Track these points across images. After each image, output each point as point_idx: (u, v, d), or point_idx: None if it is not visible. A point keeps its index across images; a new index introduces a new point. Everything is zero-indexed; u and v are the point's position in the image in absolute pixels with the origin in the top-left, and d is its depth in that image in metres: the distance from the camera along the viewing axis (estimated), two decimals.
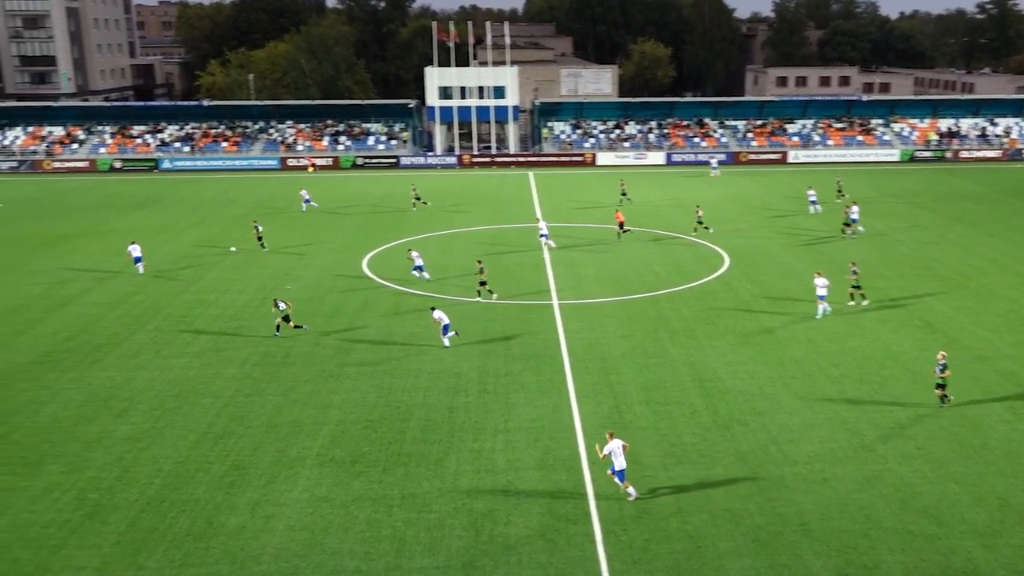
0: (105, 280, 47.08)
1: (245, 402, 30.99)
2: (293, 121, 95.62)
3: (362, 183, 79.40)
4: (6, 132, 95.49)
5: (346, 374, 33.33)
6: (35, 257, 52.54)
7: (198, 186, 79.22)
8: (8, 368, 34.52)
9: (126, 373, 33.76)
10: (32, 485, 25.50)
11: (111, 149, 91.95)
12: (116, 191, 77.43)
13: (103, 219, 63.98)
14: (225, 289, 44.94)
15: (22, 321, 40.40)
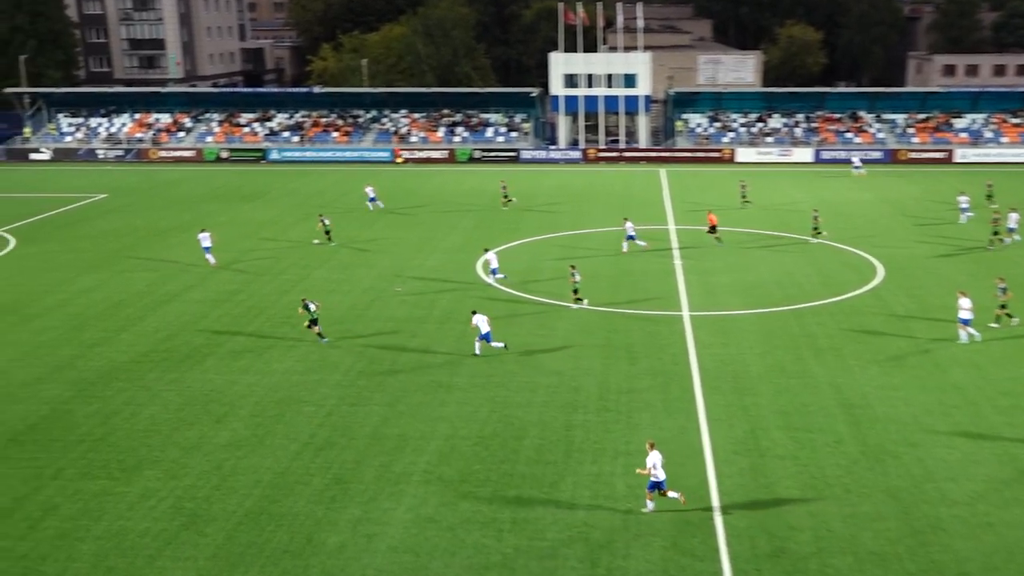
0: (208, 277, 48.69)
1: (349, 412, 31.60)
2: (407, 110, 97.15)
3: (479, 178, 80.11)
4: (113, 119, 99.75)
5: (457, 385, 33.67)
6: (139, 250, 54.70)
7: (306, 178, 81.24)
8: (109, 366, 36.04)
9: (227, 376, 34.83)
10: (129, 491, 26.52)
11: (218, 138, 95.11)
12: (222, 182, 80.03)
13: (209, 212, 66.19)
14: (331, 290, 45.94)
15: (124, 317, 42.11)
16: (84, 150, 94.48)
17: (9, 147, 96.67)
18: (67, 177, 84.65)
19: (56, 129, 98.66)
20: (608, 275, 47.90)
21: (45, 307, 43.93)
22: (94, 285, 47.64)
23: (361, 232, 58.78)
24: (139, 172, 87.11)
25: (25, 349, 38.15)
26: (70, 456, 28.60)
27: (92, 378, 34.86)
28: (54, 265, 51.88)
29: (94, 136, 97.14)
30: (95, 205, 70.20)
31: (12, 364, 36.49)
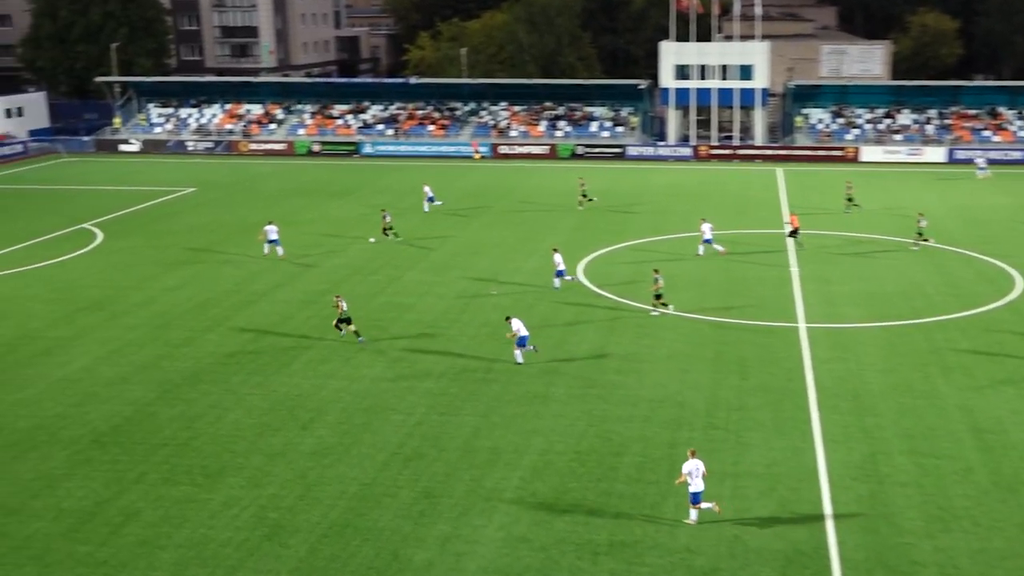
0: (297, 276, 49.58)
1: (440, 421, 31.86)
2: (507, 103, 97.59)
3: (583, 175, 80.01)
4: (203, 110, 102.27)
5: (554, 396, 33.70)
6: (228, 246, 55.97)
7: (400, 174, 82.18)
8: (195, 367, 36.95)
9: (314, 381, 35.42)
10: (212, 498, 27.15)
11: (310, 131, 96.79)
12: (313, 177, 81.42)
13: (298, 208, 67.40)
14: (424, 292, 46.39)
15: (210, 317, 43.14)
16: (173, 142, 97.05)
17: (99, 138, 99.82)
18: (156, 170, 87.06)
19: (146, 120, 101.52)
20: (718, 282, 47.44)
21: (131, 304, 45.22)
22: (181, 282, 48.89)
23: (457, 232, 59.23)
24: (228, 165, 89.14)
25: (111, 347, 39.34)
26: (153, 460, 29.39)
27: (177, 379, 35.78)
28: (141, 261, 53.39)
29: (184, 127, 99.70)
30: (183, 199, 72.02)
31: (98, 362, 37.66)
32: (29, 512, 26.39)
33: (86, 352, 38.84)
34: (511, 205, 67.15)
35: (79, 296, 46.70)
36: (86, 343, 39.94)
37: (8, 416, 32.67)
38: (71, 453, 29.89)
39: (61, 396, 34.33)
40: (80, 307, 44.90)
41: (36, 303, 45.45)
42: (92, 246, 57.34)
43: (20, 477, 28.31)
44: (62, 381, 35.74)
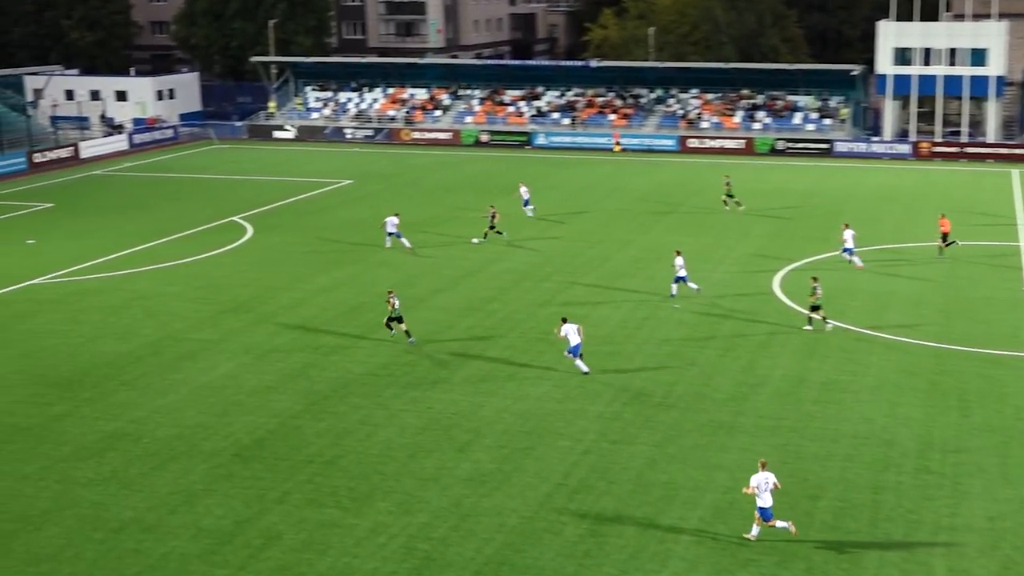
0: (459, 281, 50.29)
1: (611, 450, 31.81)
2: (699, 89, 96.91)
3: (784, 174, 78.81)
4: (364, 94, 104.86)
5: (741, 427, 33.26)
6: (384, 245, 57.18)
7: (575, 168, 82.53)
8: (345, 379, 37.88)
9: (473, 398, 35.85)
10: (358, 524, 27.75)
11: (478, 118, 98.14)
12: (480, 170, 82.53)
13: (463, 203, 68.42)
14: (598, 302, 46.45)
15: (364, 323, 44.15)
16: (331, 128, 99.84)
17: (252, 123, 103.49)
18: (311, 159, 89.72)
19: (303, 104, 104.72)
20: (938, 302, 46.03)
21: (280, 306, 46.67)
22: (333, 284, 50.22)
23: (637, 236, 59.12)
24: (389, 155, 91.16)
25: (257, 352, 40.70)
26: (297, 479, 30.25)
27: (325, 391, 36.75)
28: (292, 259, 55.08)
29: (342, 113, 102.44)
30: (339, 192, 73.98)
31: (243, 369, 39.01)
32: (166, 529, 27.49)
33: (231, 357, 40.28)
34: (699, 207, 66.61)
35: (225, 296, 48.47)
36: (231, 347, 41.42)
37: (148, 424, 34.13)
38: (211, 467, 31.01)
39: (203, 404, 35.69)
40: (226, 308, 46.59)
41: (180, 302, 47.34)
42: (241, 241, 59.44)
43: (158, 491, 29.52)
44: (205, 388, 37.15)
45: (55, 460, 31.45)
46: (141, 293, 48.93)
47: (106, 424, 34.03)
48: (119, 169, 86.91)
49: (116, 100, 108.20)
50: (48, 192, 77.16)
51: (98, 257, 56.00)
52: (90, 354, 40.85)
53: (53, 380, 38.06)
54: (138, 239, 60.02)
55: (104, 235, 61.62)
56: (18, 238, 61.20)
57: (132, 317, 45.54)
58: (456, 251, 55.75)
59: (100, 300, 48.13)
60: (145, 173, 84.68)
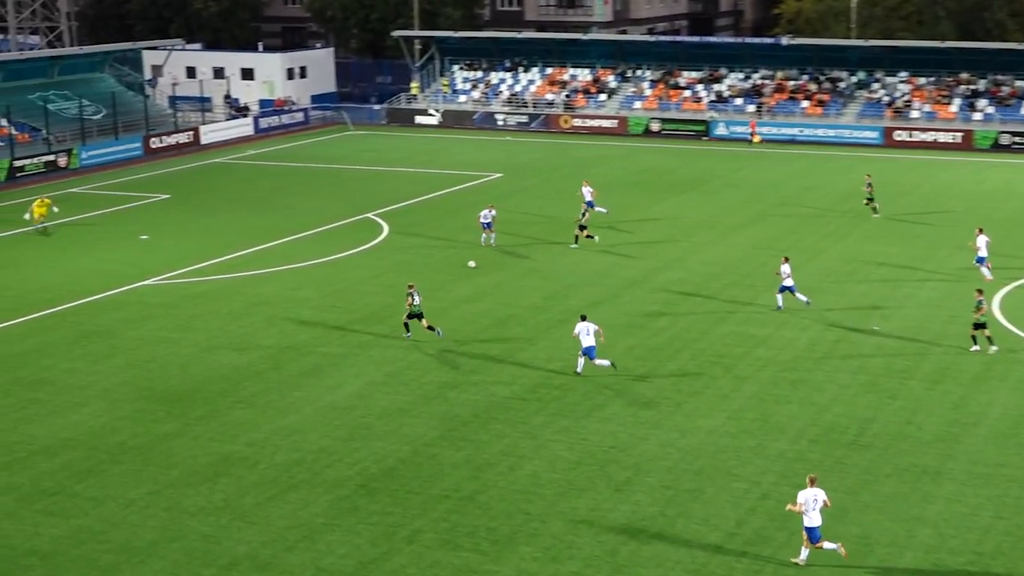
0: (622, 292, 50.17)
1: (790, 496, 31.23)
2: (909, 73, 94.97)
3: (1010, 173, 76.67)
4: (519, 74, 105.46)
5: (949, 474, 32.43)
6: (536, 251, 57.49)
7: (761, 163, 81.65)
8: (488, 402, 38.06)
9: (634, 429, 35.68)
10: (498, 571, 27.83)
11: (648, 104, 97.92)
12: (650, 164, 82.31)
13: (629, 204, 68.35)
14: (782, 321, 45.89)
15: (510, 339, 44.37)
16: (481, 114, 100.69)
17: (393, 107, 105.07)
18: (457, 148, 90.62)
19: (449, 86, 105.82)
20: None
21: None
22: (477, 293, 50.58)
23: (830, 244, 58.26)
24: (545, 146, 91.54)
25: (390, 370, 41.20)
26: (431, 515, 30.50)
27: (465, 416, 36.98)
28: (431, 263, 55.71)
29: (493, 96, 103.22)
30: (488, 187, 74.57)
31: (374, 387, 39.52)
32: (282, 568, 27.96)
33: (360, 374, 40.88)
34: (905, 211, 65.24)
35: (356, 303, 49.24)
36: (361, 362, 42.05)
37: (267, 447, 34.81)
38: (335, 499, 31.47)
39: (328, 427, 36.26)
40: (356, 317, 47.32)
41: (306, 309, 48.22)
42: (375, 241, 60.34)
43: (275, 524, 30.08)
44: (330, 408, 37.75)
45: (163, 485, 32.31)
46: (263, 298, 50.00)
47: (219, 446, 34.84)
48: (242, 157, 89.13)
49: (241, 79, 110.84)
50: (164, 182, 79.50)
51: (217, 256, 57.47)
52: (204, 366, 41.93)
53: (162, 395, 39.16)
54: (261, 237, 61.43)
55: (224, 231, 63.26)
56: (131, 233, 63.15)
57: (252, 325, 46.60)
58: (615, 258, 55.64)
59: (217, 305, 49.35)
60: (271, 162, 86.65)
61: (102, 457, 34.07)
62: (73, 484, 32.32)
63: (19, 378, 40.89)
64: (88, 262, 57.26)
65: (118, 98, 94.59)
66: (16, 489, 32.05)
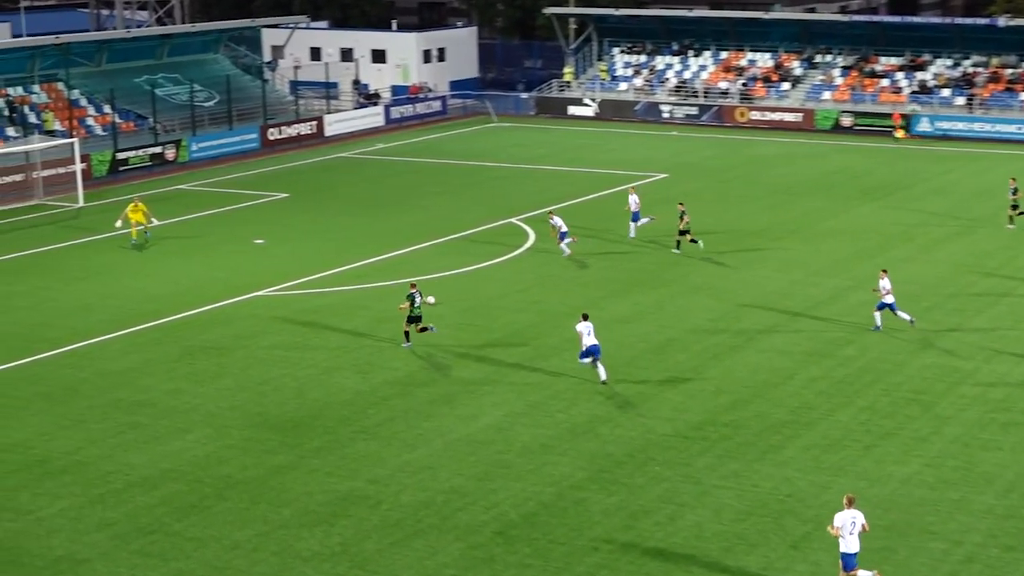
0: (803, 314, 49.76)
1: (1003, 560, 30.69)
2: None
3: None
4: (689, 59, 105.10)
5: None
6: (702, 265, 57.21)
7: (973, 166, 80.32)
8: (645, 440, 37.86)
9: (814, 476, 35.25)
10: None
11: (840, 95, 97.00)
12: (838, 165, 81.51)
13: (814, 211, 67.97)
14: (994, 348, 45.30)
15: (671, 365, 44.28)
16: (643, 105, 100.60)
17: (542, 96, 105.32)
18: (616, 144, 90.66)
19: (608, 71, 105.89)
20: None
21: (564, 339, 46.95)
22: (634, 312, 50.56)
23: None
24: (717, 142, 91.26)
25: (532, 399, 41.26)
26: (576, 570, 30.41)
27: (618, 455, 36.88)
28: (583, 276, 55.90)
29: (659, 84, 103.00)
30: (650, 189, 74.25)
31: (514, 420, 39.62)
32: None
33: (499, 403, 41.06)
34: None
35: (495, 322, 49.52)
36: (500, 390, 42.22)
37: (390, 484, 35.07)
38: (467, 547, 31.58)
39: (461, 464, 36.40)
40: (495, 337, 47.61)
41: (439, 327, 48.45)
42: (520, 251, 60.68)
43: (398, 574, 30.26)
44: (464, 442, 37.93)
45: (274, 525, 32.75)
46: (390, 314, 50.34)
47: (338, 483, 35.21)
48: (371, 152, 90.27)
49: (372, 61, 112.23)
50: (283, 178, 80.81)
51: (340, 265, 58.27)
52: (323, 390, 42.49)
53: (276, 422, 39.76)
54: (390, 243, 62.14)
55: (348, 236, 64.09)
56: (244, 236, 64.36)
57: (377, 345, 47.11)
58: (796, 275, 55.15)
59: (339, 320, 50.00)
60: (404, 157, 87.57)
61: (206, 491, 34.67)
62: (173, 522, 32.92)
63: (117, 400, 41.86)
64: (195, 269, 58.44)
65: (233, 83, 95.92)
66: (110, 526, 32.75)
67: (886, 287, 46.93)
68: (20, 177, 75.95)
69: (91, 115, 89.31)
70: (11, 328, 50.16)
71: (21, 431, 39.16)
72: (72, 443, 38.06)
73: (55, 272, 58.39)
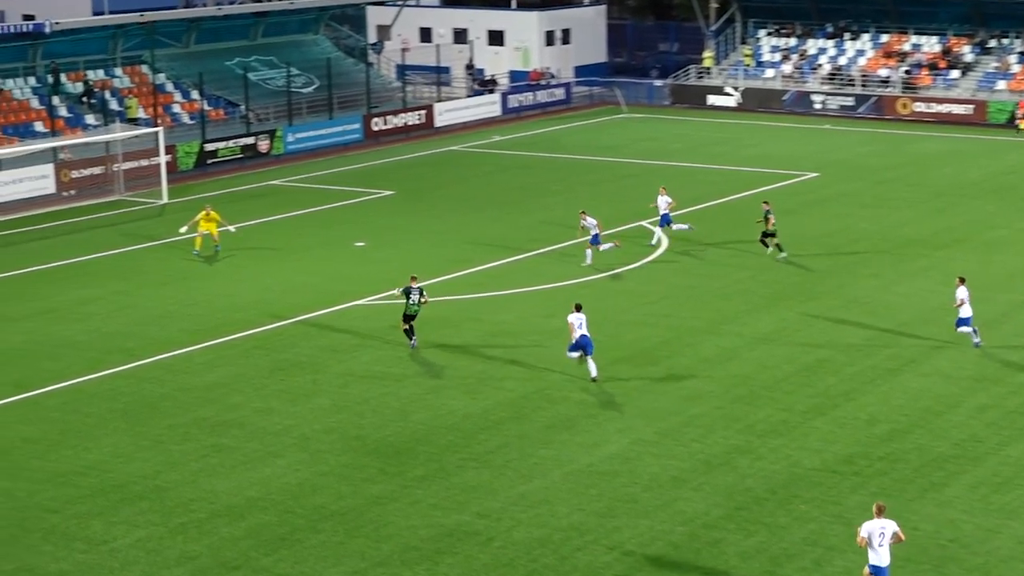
0: (966, 339, 49.15)
1: None
2: None
3: None
4: (844, 42, 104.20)
5: None
6: (858, 276, 56.71)
7: None
8: (788, 474, 37.49)
9: (981, 519, 34.67)
10: None
11: (1015, 85, 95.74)
12: (1015, 165, 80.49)
13: (983, 217, 67.67)
14: None
15: (822, 390, 43.88)
16: (793, 94, 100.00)
17: (679, 83, 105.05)
18: (761, 138, 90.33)
19: (752, 56, 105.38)
20: None
21: (698, 358, 47.11)
22: (777, 329, 50.24)
23: None
24: (876, 137, 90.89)
25: (662, 426, 41.03)
26: None
27: (758, 491, 36.54)
28: (721, 287, 55.66)
29: (810, 70, 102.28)
30: (799, 189, 74.02)
31: (641, 448, 39.44)
32: None
33: (625, 430, 40.94)
34: None
35: (623, 337, 49.37)
36: (626, 415, 42.14)
37: (502, 519, 35.02)
38: None
39: (581, 497, 36.23)
40: (622, 356, 47.45)
41: (558, 342, 48.26)
42: (650, 258, 60.60)
43: None
44: (584, 473, 37.79)
45: (372, 562, 32.82)
46: (504, 327, 50.54)
47: (444, 516, 35.23)
48: (486, 145, 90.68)
49: (488, 43, 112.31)
50: (388, 173, 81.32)
51: (449, 271, 58.51)
52: (428, 412, 42.60)
53: (375, 447, 39.90)
54: (506, 247, 62.38)
55: (459, 239, 64.38)
56: (344, 239, 64.84)
57: (488, 362, 47.21)
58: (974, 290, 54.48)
59: (447, 334, 50.15)
60: (522, 152, 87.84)
61: (298, 523, 34.84)
62: (261, 556, 33.14)
63: (201, 418, 42.28)
64: (288, 275, 58.94)
65: (334, 66, 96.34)
66: (192, 560, 33.03)
67: (962, 296, 46.61)
68: (99, 170, 77.05)
69: (177, 101, 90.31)
70: (85, 337, 50.88)
71: (95, 452, 39.65)
72: (151, 466, 38.45)
73: (134, 276, 59.10)
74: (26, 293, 56.70)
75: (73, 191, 75.62)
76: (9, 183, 73.86)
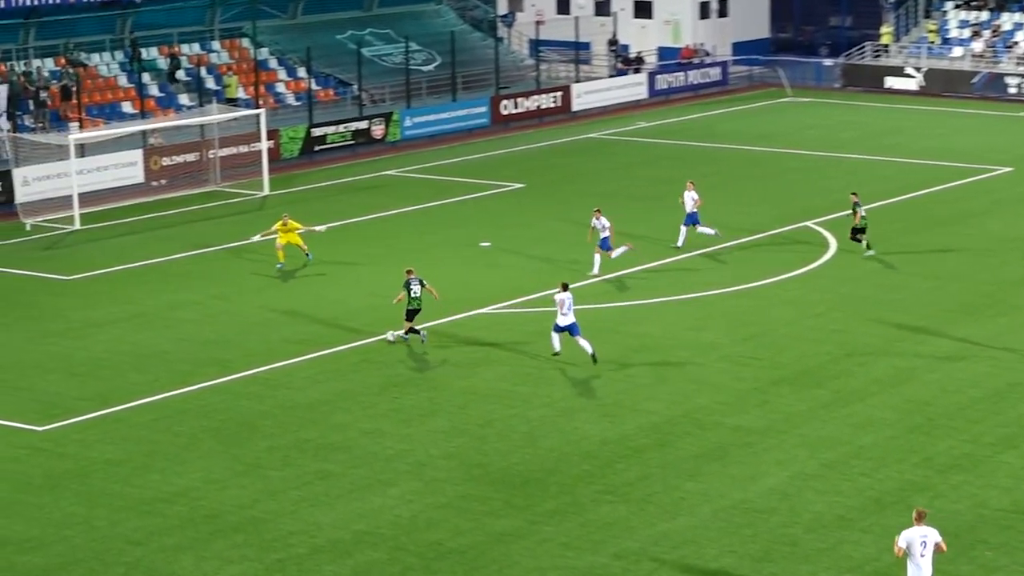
0: None
1: None
2: None
3: None
4: None
5: None
6: None
7: None
8: (973, 516, 36.95)
9: None
10: None
11: None
12: None
13: None
14: None
15: (1011, 417, 43.43)
16: (984, 76, 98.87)
17: (851, 63, 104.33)
18: (947, 126, 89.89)
19: (938, 32, 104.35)
20: None
21: (869, 379, 46.70)
22: (965, 348, 49.64)
23: None
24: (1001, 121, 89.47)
25: (828, 457, 40.63)
26: None
27: (947, 532, 36.18)
28: (900, 296, 55.35)
29: (1004, 49, 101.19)
30: (990, 186, 73.41)
31: (804, 482, 39.02)
32: None
33: (785, 460, 40.67)
34: None
35: (783, 355, 49.18)
36: (787, 443, 41.84)
37: (642, 560, 34.73)
38: None
39: (733, 537, 35.91)
40: (783, 376, 47.22)
41: (712, 359, 48.35)
42: (817, 263, 60.35)
43: None
44: (739, 510, 37.46)
45: None
46: (647, 340, 50.48)
47: (577, 556, 35.10)
48: (630, 131, 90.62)
49: (634, 16, 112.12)
50: (518, 163, 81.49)
51: (584, 276, 58.37)
52: (560, 437, 42.56)
53: (498, 476, 39.92)
54: (650, 249, 62.32)
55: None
56: (467, 238, 65.06)
57: (629, 380, 47.18)
58: None
59: (580, 348, 49.94)
60: (671, 141, 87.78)
61: (411, 561, 34.86)
62: None
63: (303, 440, 42.51)
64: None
65: (459, 41, 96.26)
66: None
67: None
68: (193, 157, 77.59)
69: (281, 80, 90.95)
70: (176, 347, 51.25)
71: (186, 477, 39.89)
72: (247, 494, 38.65)
73: (231, 278, 59.73)
74: (111, 296, 57.25)
75: (163, 180, 75.96)
76: (93, 171, 73.89)
